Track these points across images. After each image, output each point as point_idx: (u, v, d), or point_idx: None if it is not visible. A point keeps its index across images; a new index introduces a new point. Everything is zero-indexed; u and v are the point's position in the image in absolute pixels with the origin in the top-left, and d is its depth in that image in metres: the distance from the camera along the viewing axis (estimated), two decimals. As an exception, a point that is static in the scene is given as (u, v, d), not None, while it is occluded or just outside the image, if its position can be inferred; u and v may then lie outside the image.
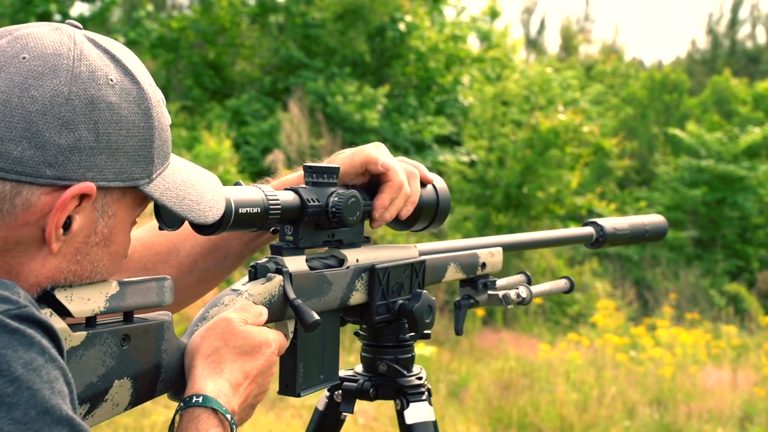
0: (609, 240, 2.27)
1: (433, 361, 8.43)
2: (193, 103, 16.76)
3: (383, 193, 1.68)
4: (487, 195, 13.15)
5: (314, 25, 17.48)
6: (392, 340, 1.81)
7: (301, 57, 17.05)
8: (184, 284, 1.74)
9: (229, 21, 17.59)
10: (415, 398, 1.81)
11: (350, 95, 16.02)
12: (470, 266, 1.93)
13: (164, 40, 17.66)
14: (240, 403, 1.41)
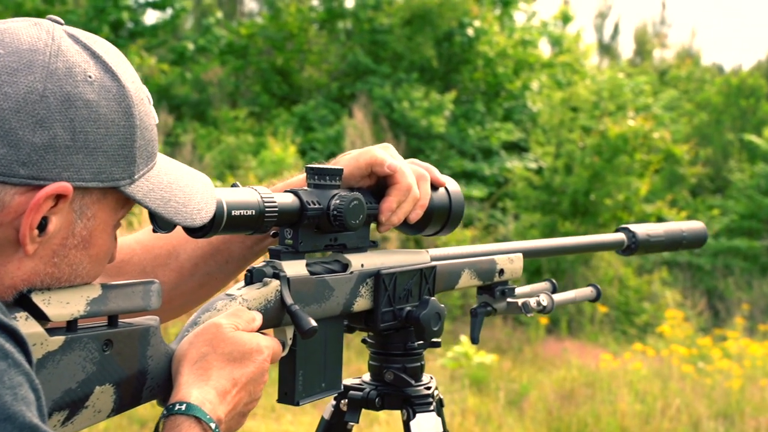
0: (642, 247, 2.18)
1: (494, 369, 8.30)
2: (260, 109, 16.84)
3: (390, 195, 1.63)
4: (554, 202, 12.96)
5: (382, 31, 17.45)
6: (400, 348, 1.75)
7: (369, 63, 17.03)
8: (186, 288, 1.70)
9: (297, 27, 17.65)
10: (422, 408, 1.75)
11: (417, 101, 15.95)
12: (487, 273, 1.86)
13: (233, 47, 17.79)
14: (228, 411, 1.36)
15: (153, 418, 6.28)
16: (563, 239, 2.12)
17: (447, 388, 7.65)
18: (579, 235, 2.39)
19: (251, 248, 1.74)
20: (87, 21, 16.20)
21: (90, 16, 16.27)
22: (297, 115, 16.06)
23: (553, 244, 2.07)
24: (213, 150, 13.90)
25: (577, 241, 2.12)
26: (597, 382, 8.04)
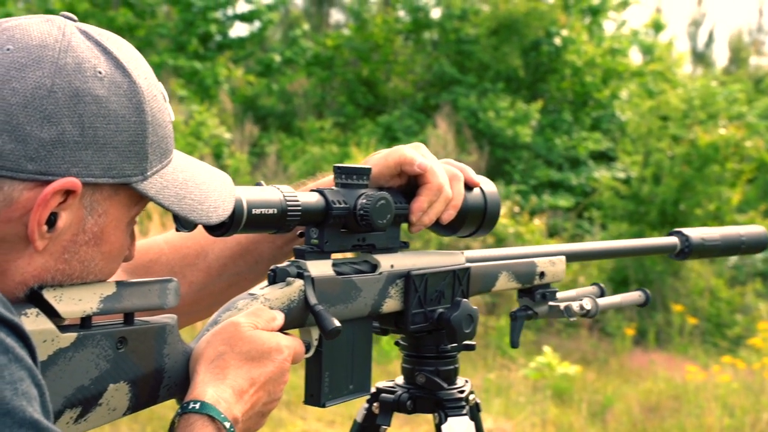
0: (696, 251, 2.13)
1: (577, 380, 8.14)
2: (345, 120, 16.91)
3: (420, 195, 1.60)
4: (641, 212, 12.71)
5: (468, 41, 17.39)
6: (433, 351, 1.72)
7: (454, 73, 16.97)
8: (214, 288, 1.69)
9: (383, 38, 17.69)
10: (454, 412, 1.72)
11: (503, 111, 15.83)
12: (526, 275, 1.82)
13: (319, 58, 17.92)
14: (245, 410, 1.34)
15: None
16: (612, 242, 2.06)
17: (528, 399, 7.53)
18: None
19: (281, 248, 1.72)
20: (177, 34, 16.50)
21: (180, 29, 16.57)
22: (382, 125, 16.08)
23: (599, 247, 2.03)
24: (298, 160, 13.98)
25: (626, 245, 2.07)
26: (684, 394, 7.84)
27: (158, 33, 16.73)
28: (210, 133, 12.37)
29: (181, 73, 15.76)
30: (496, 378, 8.28)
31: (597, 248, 2.01)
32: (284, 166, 13.92)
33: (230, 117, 15.06)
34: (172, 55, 16.04)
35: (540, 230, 11.83)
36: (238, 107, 15.86)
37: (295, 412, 6.69)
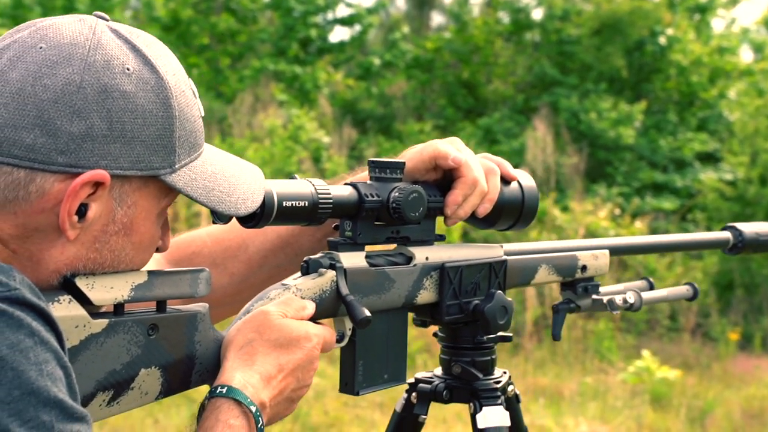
0: (749, 246, 2.10)
1: (677, 385, 7.95)
2: (445, 123, 16.88)
3: (455, 189, 1.63)
4: (747, 214, 12.36)
5: (570, 42, 17.19)
6: (469, 342, 1.76)
7: (555, 74, 16.79)
8: (255, 280, 1.75)
9: (483, 40, 17.61)
10: (489, 402, 1.74)
11: (605, 112, 15.59)
12: (567, 269, 1.85)
13: (419, 61, 17.93)
14: (273, 396, 1.38)
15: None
16: (659, 236, 2.06)
17: (626, 403, 7.40)
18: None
19: (320, 241, 1.76)
20: (277, 39, 16.71)
21: (280, 34, 16.78)
22: (482, 127, 16.00)
23: (645, 242, 2.03)
24: (397, 163, 14.00)
25: (674, 239, 2.07)
26: (790, 402, 7.59)
27: (259, 38, 16.96)
28: (308, 137, 12.47)
29: (282, 78, 15.95)
30: (594, 382, 8.15)
31: (643, 243, 2.02)
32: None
33: (330, 121, 15.18)
34: (273, 60, 16.25)
35: (642, 233, 11.60)
36: (336, 111, 15.98)
37: (387, 414, 6.69)
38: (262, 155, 11.23)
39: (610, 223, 11.32)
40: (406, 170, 1.62)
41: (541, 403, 7.31)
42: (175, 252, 1.77)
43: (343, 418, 6.38)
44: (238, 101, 14.40)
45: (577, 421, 6.81)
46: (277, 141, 11.55)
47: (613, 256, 1.91)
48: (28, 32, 1.29)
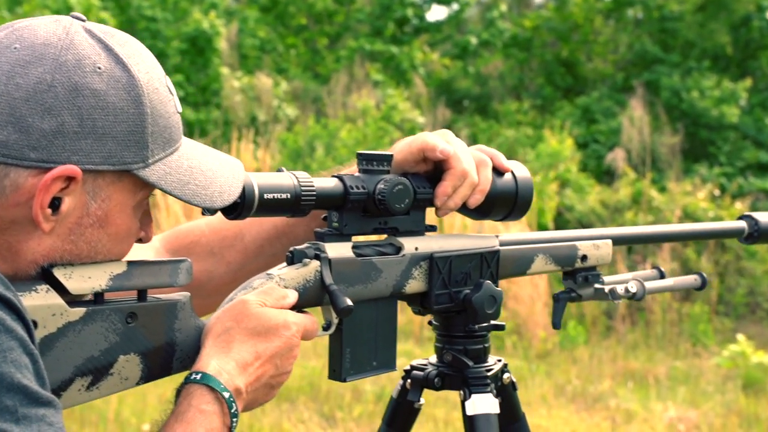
0: (766, 235, 2.05)
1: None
2: (543, 102, 16.70)
3: (445, 180, 1.65)
4: None
5: (672, 18, 16.81)
6: (461, 330, 1.77)
7: (657, 51, 16.44)
8: (251, 268, 1.78)
9: (583, 17, 17.36)
10: (478, 389, 1.76)
11: (707, 90, 15.21)
12: (566, 258, 1.85)
13: (517, 40, 17.77)
14: (249, 382, 1.42)
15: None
16: (670, 226, 2.03)
17: (717, 388, 7.23)
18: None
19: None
20: (374, 19, 16.75)
21: (377, 14, 16.82)
22: (580, 107, 15.79)
23: (651, 231, 2.00)
24: (492, 143, 13.92)
25: (686, 228, 2.04)
26: None
27: (356, 18, 17.03)
28: (401, 117, 12.48)
29: (378, 58, 15.99)
30: (686, 366, 7.99)
31: (649, 232, 2.00)
32: (476, 148, 13.90)
33: (426, 101, 15.16)
34: (369, 40, 16.30)
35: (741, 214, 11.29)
36: (432, 91, 15.96)
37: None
38: (355, 136, 11.29)
39: (710, 204, 11.05)
40: (396, 162, 1.65)
41: (629, 387, 7.20)
42: (174, 241, 1.83)
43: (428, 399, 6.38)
44: (333, 82, 14.49)
45: (665, 405, 6.68)
46: (370, 121, 11.59)
47: (616, 245, 1.91)
48: (5, 33, 1.35)
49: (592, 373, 7.53)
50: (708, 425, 6.20)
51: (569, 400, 6.70)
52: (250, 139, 11.42)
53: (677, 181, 11.94)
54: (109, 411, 5.79)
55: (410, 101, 13.73)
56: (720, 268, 10.71)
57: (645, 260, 10.21)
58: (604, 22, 17.82)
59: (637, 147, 12.57)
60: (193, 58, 14.11)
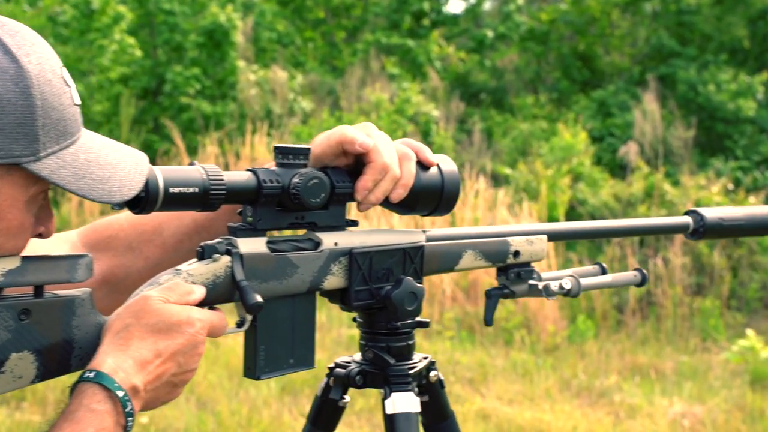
0: (711, 231, 2.01)
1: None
2: (559, 95, 16.67)
3: (365, 174, 1.61)
4: None
5: (689, 12, 16.73)
6: (384, 327, 1.74)
7: (674, 45, 16.38)
8: (171, 264, 1.70)
9: (599, 11, 17.30)
10: (399, 388, 1.72)
11: (724, 84, 15.14)
12: (497, 254, 1.82)
13: (534, 33, 17.73)
14: (148, 381, 1.38)
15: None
16: (612, 221, 1.97)
17: (725, 383, 7.24)
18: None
19: None
20: (391, 12, 16.75)
21: (394, 7, 16.83)
22: (596, 100, 15.75)
23: (590, 227, 1.94)
24: (507, 137, 13.93)
25: (628, 224, 1.98)
26: None
27: (373, 12, 17.05)
28: (414, 110, 12.51)
29: (394, 51, 16.00)
30: (694, 361, 8.00)
31: (587, 227, 1.93)
32: (489, 143, 13.91)
33: (443, 94, 15.18)
34: (386, 33, 16.31)
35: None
36: (447, 84, 15.95)
37: (477, 389, 6.72)
38: (369, 129, 11.32)
39: (723, 198, 11.02)
40: (315, 156, 1.62)
41: (636, 381, 7.22)
42: (92, 235, 1.79)
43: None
44: (348, 75, 14.52)
45: (671, 400, 6.70)
46: (384, 115, 11.62)
47: (552, 241, 1.87)
48: None
49: (599, 367, 7.55)
50: (712, 421, 6.22)
51: (574, 395, 6.73)
52: (265, 132, 11.47)
53: (692, 174, 11.91)
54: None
55: (425, 94, 13.74)
56: (733, 262, 10.69)
57: (657, 254, 10.20)
58: (621, 15, 17.75)
59: (650, 141, 12.55)
60: (210, 52, 14.18)
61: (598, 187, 11.48)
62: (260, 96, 13.46)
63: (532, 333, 8.59)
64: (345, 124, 10.76)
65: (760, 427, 6.15)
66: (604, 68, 17.30)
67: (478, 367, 7.25)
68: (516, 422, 5.88)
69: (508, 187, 11.06)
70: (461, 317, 8.90)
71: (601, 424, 6.01)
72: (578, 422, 5.98)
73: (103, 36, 13.54)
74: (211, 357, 7.04)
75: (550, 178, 10.86)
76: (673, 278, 9.88)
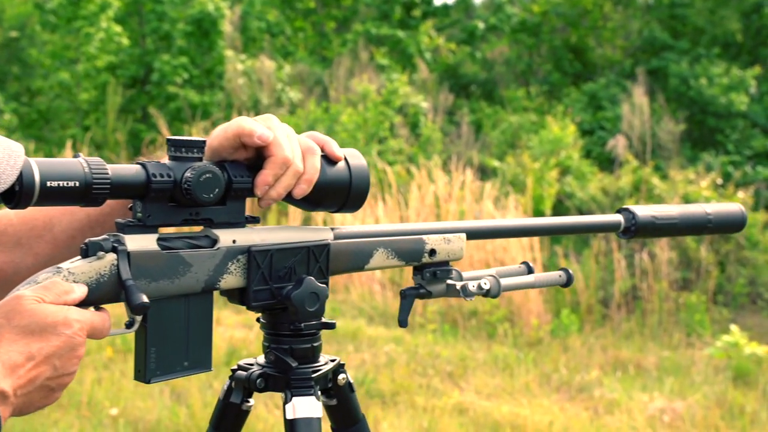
0: (644, 229, 1.91)
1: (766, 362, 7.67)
2: (551, 88, 16.60)
3: (265, 169, 1.52)
4: None
5: (682, 5, 16.65)
6: (287, 329, 1.65)
7: (666, 38, 16.30)
8: (62, 261, 1.61)
9: (591, 3, 17.22)
10: (300, 392, 1.64)
11: (716, 77, 15.07)
12: (411, 253, 1.73)
13: (525, 25, 17.65)
14: (20, 385, 1.31)
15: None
16: (533, 219, 1.88)
17: (707, 379, 7.18)
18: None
19: None
20: (381, 3, 16.66)
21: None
22: (587, 93, 15.68)
23: (513, 225, 1.85)
24: (496, 129, 13.86)
25: (555, 222, 1.88)
26: None
27: (364, 2, 16.95)
28: (402, 101, 12.42)
29: (385, 42, 15.91)
30: (677, 356, 7.94)
31: (507, 226, 1.84)
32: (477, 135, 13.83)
33: (434, 85, 15.09)
34: (376, 24, 16.22)
35: (747, 204, 11.20)
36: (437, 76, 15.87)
37: (456, 383, 6.65)
38: (356, 120, 11.24)
39: (712, 193, 10.96)
40: (212, 149, 1.54)
41: (617, 376, 7.16)
42: None
43: (411, 386, 6.37)
44: (335, 65, 14.44)
45: (651, 396, 6.64)
46: (370, 106, 11.54)
47: (471, 239, 1.78)
48: None
49: (581, 362, 7.49)
50: (690, 417, 6.15)
51: (553, 390, 6.66)
52: (251, 123, 11.38)
53: (682, 169, 11.85)
54: (83, 394, 5.81)
55: (415, 86, 13.65)
56: (720, 257, 10.63)
57: (643, 248, 10.14)
58: (613, 7, 17.68)
59: (638, 134, 12.48)
60: (198, 41, 14.08)
61: (586, 181, 11.42)
62: (247, 86, 13.37)
63: (516, 326, 8.53)
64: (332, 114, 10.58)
65: (739, 423, 6.08)
66: (596, 61, 17.23)
67: (459, 361, 7.17)
68: (492, 417, 5.81)
69: (495, 180, 10.99)
70: (445, 310, 8.83)
71: (578, 419, 5.94)
72: (555, 417, 5.91)
73: (90, 24, 13.44)
74: (187, 349, 6.96)
75: (538, 171, 10.79)
76: (659, 273, 9.83)
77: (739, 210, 2.03)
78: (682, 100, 15.30)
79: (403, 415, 5.80)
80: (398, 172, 10.81)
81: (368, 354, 7.24)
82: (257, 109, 13.05)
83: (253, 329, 7.78)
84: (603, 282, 9.62)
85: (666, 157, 13.02)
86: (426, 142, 12.07)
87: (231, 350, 7.08)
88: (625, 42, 17.23)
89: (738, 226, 2.02)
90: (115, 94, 12.62)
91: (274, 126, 1.55)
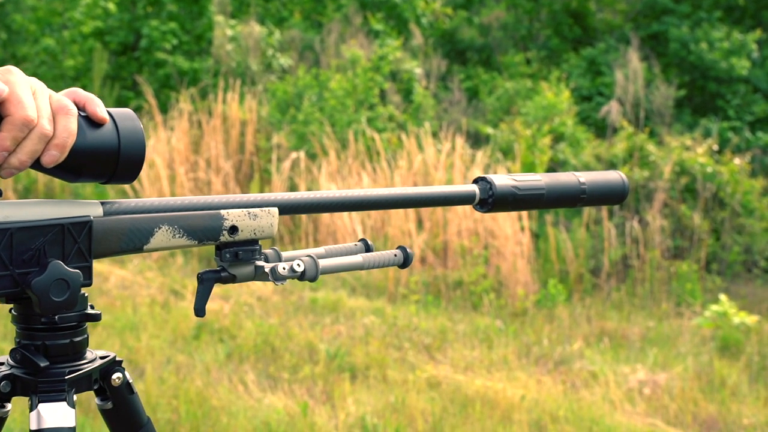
0: (503, 201, 1.66)
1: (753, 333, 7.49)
2: (549, 53, 16.31)
3: (1, 132, 1.28)
4: None
5: (684, -33, 16.32)
6: (39, 322, 1.42)
7: (667, 2, 15.98)
8: None
9: (593, -34, 16.90)
10: (48, 397, 1.40)
11: (717, 42, 14.77)
12: (204, 230, 1.48)
13: (525, -11, 17.35)
14: None
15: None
16: (368, 190, 1.60)
17: (692, 350, 7.01)
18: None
19: None
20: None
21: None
22: (586, 58, 15.40)
23: (337, 197, 1.58)
24: (493, 95, 13.62)
25: (393, 193, 1.61)
26: None
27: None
28: (392, 67, 12.18)
29: (381, 7, 15.63)
30: (664, 327, 7.76)
31: (331, 198, 1.57)
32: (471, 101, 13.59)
33: (429, 51, 14.83)
34: (371, -13, 15.95)
35: (744, 170, 10.96)
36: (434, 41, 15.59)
37: (432, 356, 6.49)
38: (345, 86, 11.02)
39: (708, 159, 10.73)
40: None
41: (600, 348, 6.99)
42: None
43: (385, 360, 6.20)
44: (326, 31, 14.18)
45: (634, 368, 6.47)
46: (360, 72, 11.31)
47: (286, 214, 1.53)
48: None
49: (564, 333, 7.32)
50: (669, 389, 5.98)
51: (532, 362, 6.50)
52: (238, 89, 11.18)
53: (680, 135, 11.61)
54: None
55: (410, 51, 13.40)
56: (715, 225, 10.43)
57: (634, 216, 9.95)
58: (614, -29, 17.35)
59: (632, 100, 12.24)
60: (188, 6, 13.84)
61: (581, 148, 11.19)
62: (236, 51, 13.14)
63: (502, 297, 8.35)
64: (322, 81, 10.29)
65: (719, 396, 5.91)
66: (596, 26, 16.92)
67: (438, 333, 7.01)
68: (463, 391, 5.65)
69: (487, 147, 10.77)
70: (429, 280, 8.65)
71: (550, 393, 5.77)
72: (529, 391, 5.75)
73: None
74: (159, 321, 6.81)
75: (530, 138, 10.57)
76: (651, 241, 9.63)
77: (619, 178, 1.78)
78: (682, 65, 15.02)
79: (373, 389, 5.63)
80: (387, 140, 10.60)
81: (345, 326, 7.07)
82: (245, 76, 12.83)
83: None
84: (594, 251, 9.44)
85: (665, 123, 12.77)
86: (418, 108, 11.85)
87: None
88: (626, 6, 16.91)
89: (618, 197, 1.79)
90: (102, 60, 12.41)
91: (14, 81, 1.31)
